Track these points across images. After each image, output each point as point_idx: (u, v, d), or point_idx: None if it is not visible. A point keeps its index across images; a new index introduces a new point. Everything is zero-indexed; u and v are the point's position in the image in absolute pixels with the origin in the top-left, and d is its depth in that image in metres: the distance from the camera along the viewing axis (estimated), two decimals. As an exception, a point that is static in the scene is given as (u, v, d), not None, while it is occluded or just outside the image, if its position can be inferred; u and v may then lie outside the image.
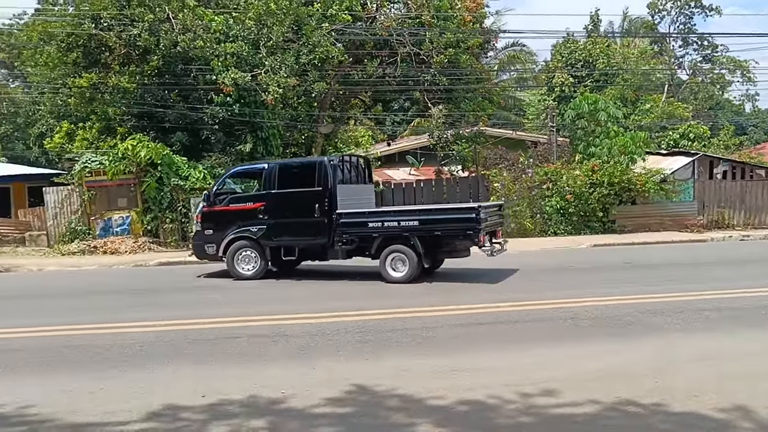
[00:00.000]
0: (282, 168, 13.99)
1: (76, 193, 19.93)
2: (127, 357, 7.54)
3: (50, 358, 7.57)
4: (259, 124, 21.35)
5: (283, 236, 13.58)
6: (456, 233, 12.64)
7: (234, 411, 5.60)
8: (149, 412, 5.58)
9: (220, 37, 20.82)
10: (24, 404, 5.84)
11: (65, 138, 25.75)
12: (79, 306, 11.36)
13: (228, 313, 9.83)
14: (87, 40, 21.28)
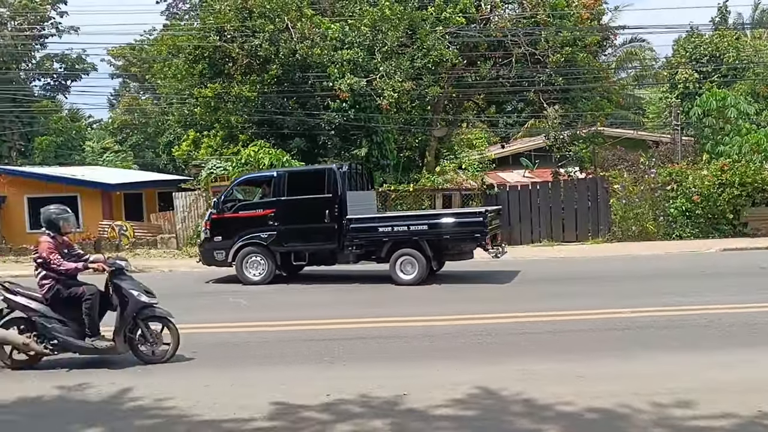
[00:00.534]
0: (292, 175, 14.54)
1: (202, 197, 20.91)
2: (252, 355, 7.84)
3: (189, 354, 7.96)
4: (373, 128, 21.65)
5: (294, 242, 13.95)
6: (464, 237, 13.20)
7: (354, 411, 5.65)
8: (273, 410, 5.73)
9: (336, 44, 21.32)
10: (162, 397, 6.14)
11: (191, 146, 27.12)
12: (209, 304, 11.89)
13: (324, 316, 10.02)
14: (212, 51, 22.37)
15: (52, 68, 48.26)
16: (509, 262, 15.58)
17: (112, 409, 5.90)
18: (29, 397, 6.28)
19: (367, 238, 13.53)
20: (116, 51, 49.14)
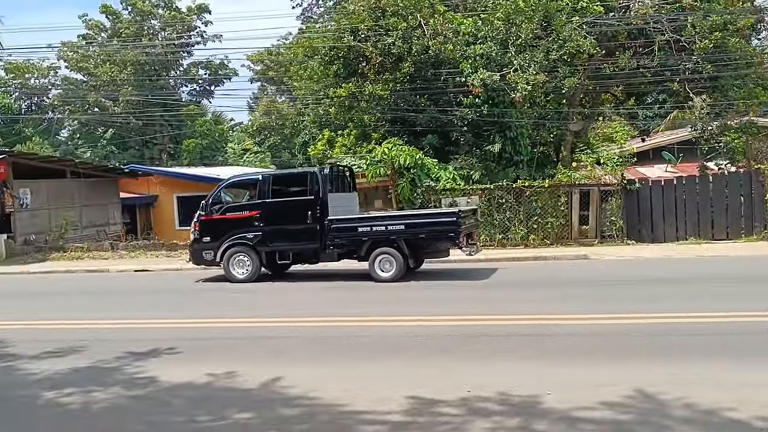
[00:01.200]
0: (276, 178, 15.29)
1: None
2: (389, 349, 7.88)
3: (319, 346, 8.11)
4: (507, 123, 21.27)
5: (278, 242, 14.46)
6: (439, 236, 13.83)
7: (493, 408, 5.49)
8: (411, 404, 5.67)
9: (469, 39, 21.13)
10: (306, 387, 6.25)
11: (326, 145, 27.89)
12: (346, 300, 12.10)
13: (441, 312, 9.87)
14: (346, 52, 22.87)
15: (198, 74, 51.20)
16: (653, 260, 14.81)
17: (260, 397, 6.08)
18: (183, 382, 6.59)
19: (348, 237, 14.07)
20: (255, 56, 51.46)
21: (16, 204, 22.74)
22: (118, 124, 46.89)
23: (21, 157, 24.29)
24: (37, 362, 7.59)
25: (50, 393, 6.35)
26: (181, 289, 14.67)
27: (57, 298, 14.14)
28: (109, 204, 27.92)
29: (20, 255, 21.65)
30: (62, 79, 49.60)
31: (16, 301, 13.82)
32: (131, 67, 45.59)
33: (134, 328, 9.70)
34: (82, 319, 10.52)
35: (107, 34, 47.74)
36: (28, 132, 47.96)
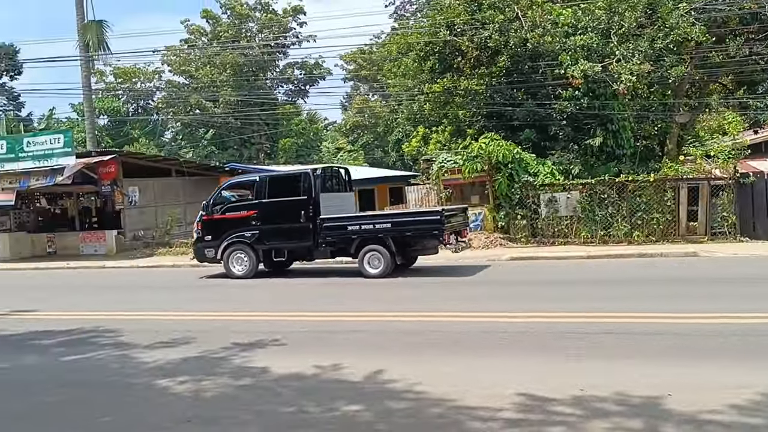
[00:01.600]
0: (272, 179, 15.73)
1: (433, 191, 21.27)
2: (495, 345, 7.67)
3: (439, 341, 7.99)
4: (608, 116, 20.54)
5: (274, 240, 15.19)
6: (424, 233, 14.34)
7: (610, 408, 5.22)
8: (521, 401, 5.48)
9: (568, 30, 20.53)
10: (411, 381, 6.17)
11: (421, 142, 27.79)
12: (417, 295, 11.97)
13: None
14: (442, 47, 22.69)
15: (293, 75, 52.23)
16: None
17: (366, 390, 6.04)
18: (290, 373, 6.64)
19: (338, 235, 14.64)
20: (348, 56, 52.02)
21: (125, 201, 23.84)
22: (218, 124, 48.47)
23: (130, 157, 25.45)
24: (149, 351, 7.84)
25: (164, 381, 6.52)
26: (281, 282, 14.91)
27: (164, 292, 14.67)
28: (211, 201, 28.80)
29: (129, 250, 22.68)
30: (166, 82, 51.74)
31: (128, 294, 14.44)
32: (230, 69, 47.00)
33: (236, 320, 9.88)
34: (190, 310, 10.85)
35: (207, 37, 49.40)
36: (135, 133, 50.33)
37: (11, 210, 24.66)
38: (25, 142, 22.78)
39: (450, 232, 14.31)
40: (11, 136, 26.02)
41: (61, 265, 20.87)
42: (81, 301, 13.17)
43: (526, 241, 19.40)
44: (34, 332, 9.45)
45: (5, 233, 23.89)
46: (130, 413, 5.72)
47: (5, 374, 7.28)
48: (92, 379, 6.82)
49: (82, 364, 7.50)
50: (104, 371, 7.11)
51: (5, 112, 54.48)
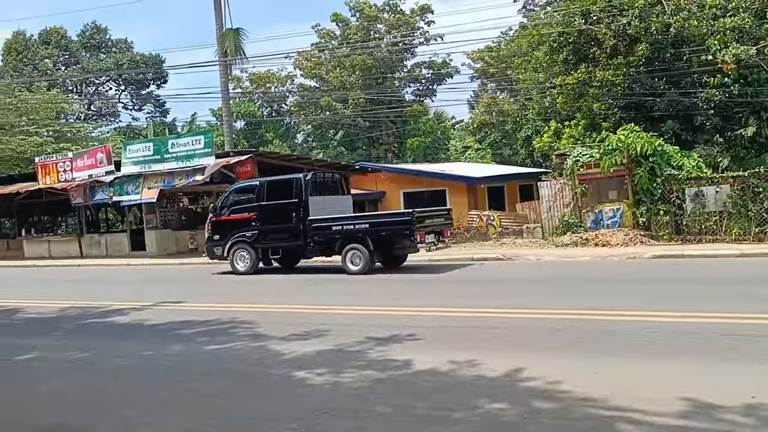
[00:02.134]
0: (269, 184, 17.10)
1: (567, 186, 20.47)
2: (645, 345, 7.08)
3: (579, 340, 7.53)
4: (762, 104, 18.95)
5: (271, 239, 16.76)
6: (396, 233, 15.48)
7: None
8: (684, 407, 4.94)
9: (717, 12, 19.13)
10: (552, 380, 5.80)
11: (553, 137, 26.93)
12: (591, 292, 11.37)
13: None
14: (576, 37, 21.82)
15: (421, 74, 52.34)
16: None
17: (506, 388, 5.73)
18: (426, 368, 6.42)
19: (325, 235, 15.97)
20: (475, 54, 51.46)
21: (261, 199, 24.63)
22: (347, 125, 49.40)
23: (265, 156, 26.28)
24: (285, 343, 7.86)
25: (301, 372, 6.48)
26: (421, 278, 14.81)
27: (296, 285, 14.91)
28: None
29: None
30: (298, 86, 53.37)
31: (265, 286, 14.77)
32: (359, 71, 47.76)
33: (370, 314, 9.79)
34: (315, 304, 10.91)
35: (337, 40, 50.48)
36: (269, 136, 52.26)
37: (158, 209, 26.13)
38: (169, 144, 24.07)
39: (425, 232, 15.46)
40: (157, 138, 27.61)
41: (203, 260, 21.84)
42: (220, 294, 13.59)
43: (669, 239, 18.25)
44: (176, 322, 9.80)
45: (152, 230, 25.35)
46: (269, 403, 5.71)
47: (152, 361, 7.53)
48: (233, 369, 6.90)
49: (222, 354, 7.64)
50: (243, 361, 7.19)
51: (152, 118, 58.33)
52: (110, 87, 62.68)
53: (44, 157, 28.26)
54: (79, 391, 6.41)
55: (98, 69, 56.16)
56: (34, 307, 12.65)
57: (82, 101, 56.81)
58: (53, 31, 58.54)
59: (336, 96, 48.18)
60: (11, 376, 7.16)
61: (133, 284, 16.84)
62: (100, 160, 25.32)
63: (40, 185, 26.91)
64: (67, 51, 58.97)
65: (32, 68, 53.87)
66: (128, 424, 5.36)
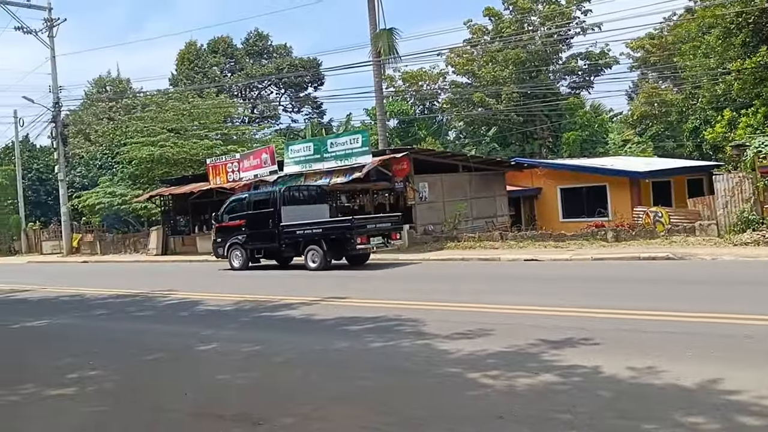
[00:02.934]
0: (254, 196, 21.73)
1: (747, 180, 18.79)
2: None
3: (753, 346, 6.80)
4: None
5: (255, 242, 20.36)
6: (340, 236, 18.19)
7: None
8: None
9: None
10: (757, 394, 5.20)
11: (726, 127, 24.94)
12: None
13: None
14: (758, 16, 19.98)
15: (577, 66, 50.50)
16: None
17: (701, 399, 5.23)
18: (605, 374, 6.04)
19: (292, 238, 19.34)
20: (635, 43, 48.88)
21: (416, 197, 24.78)
22: (500, 121, 48.63)
23: (420, 154, 26.42)
24: (451, 342, 7.71)
25: (471, 373, 6.31)
26: (567, 277, 14.26)
27: (456, 282, 14.74)
28: (496, 196, 28.92)
29: (420, 244, 23.48)
30: (450, 83, 53.26)
31: (425, 284, 14.75)
32: (512, 65, 46.86)
33: (538, 314, 9.40)
34: (484, 303, 10.64)
35: (490, 35, 49.81)
36: (422, 134, 52.57)
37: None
38: (328, 144, 24.81)
39: (367, 236, 18.33)
40: (317, 138, 28.56)
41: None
42: (382, 290, 13.71)
43: None
44: (344, 318, 9.94)
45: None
46: (439, 404, 5.59)
47: (321, 356, 7.66)
48: (401, 366, 6.85)
49: (389, 351, 7.63)
50: (411, 359, 7.12)
51: (310, 119, 60.63)
52: (271, 91, 65.91)
53: (214, 159, 30.13)
54: (255, 383, 6.63)
55: (260, 74, 59.19)
56: (212, 299, 13.41)
57: (247, 105, 60.11)
58: (221, 40, 62.45)
59: (489, 91, 47.55)
60: (193, 367, 7.55)
61: (299, 279, 17.46)
62: (265, 160, 26.59)
63: (211, 185, 28.71)
64: (233, 58, 62.65)
65: (202, 76, 57.75)
66: (305, 417, 5.44)
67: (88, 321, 11.87)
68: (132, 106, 52.83)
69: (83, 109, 56.91)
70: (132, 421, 5.67)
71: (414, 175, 24.63)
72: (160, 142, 37.87)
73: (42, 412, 6.03)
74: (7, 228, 45.78)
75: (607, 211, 27.11)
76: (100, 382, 7.02)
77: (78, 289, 17.72)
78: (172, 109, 41.59)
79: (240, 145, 40.05)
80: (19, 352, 9.21)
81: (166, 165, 37.67)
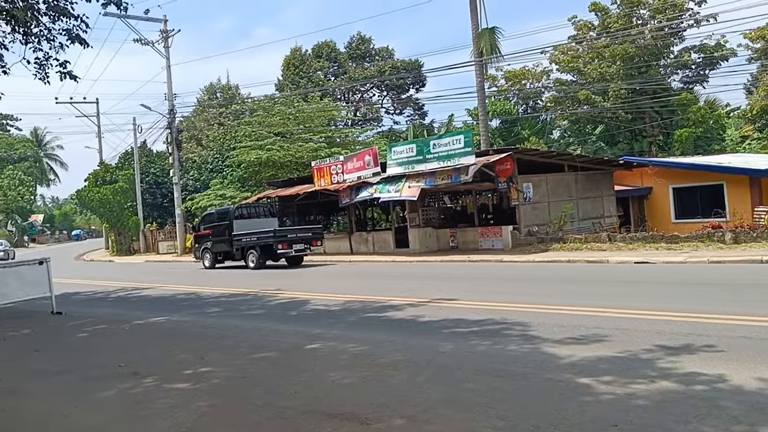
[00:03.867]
0: (218, 212, 28.82)
1: None
2: None
3: None
4: None
5: (218, 247, 26.68)
6: (267, 244, 24.00)
7: None
8: None
9: None
10: None
11: None
12: None
13: None
14: None
15: (690, 59, 48.18)
16: None
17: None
18: (733, 385, 5.71)
19: (239, 245, 25.23)
20: (755, 33, 46.03)
21: (520, 198, 24.37)
22: (607, 119, 47.06)
23: (524, 154, 25.96)
24: (561, 347, 7.52)
25: (583, 379, 6.12)
26: (682, 280, 13.61)
27: (564, 285, 14.38)
28: (604, 196, 28.04)
29: (524, 245, 23.08)
30: (554, 81, 52.04)
31: (531, 286, 14.47)
32: (620, 61, 45.24)
33: (653, 319, 8.99)
34: (595, 306, 10.29)
35: (596, 31, 48.30)
36: (525, 133, 51.68)
37: (420, 208, 27.06)
38: (431, 145, 24.77)
39: (289, 243, 23.78)
40: (419, 140, 28.58)
41: (463, 258, 22.17)
42: (486, 292, 13.54)
43: None
44: (450, 320, 9.88)
45: (415, 228, 26.30)
46: (549, 410, 5.42)
47: (428, 357, 7.61)
48: (508, 370, 6.72)
49: (496, 354, 7.51)
50: (518, 363, 6.98)
51: (412, 121, 60.86)
52: (374, 93, 66.63)
53: (319, 161, 30.75)
54: (363, 383, 6.67)
55: (363, 77, 59.93)
56: (320, 299, 13.66)
57: (349, 108, 61.01)
58: (324, 45, 63.73)
59: (595, 89, 46.11)
60: (302, 365, 7.69)
61: (400, 279, 17.53)
62: (368, 162, 26.88)
63: (315, 187, 29.32)
64: (336, 62, 63.77)
65: (307, 80, 59.12)
66: (412, 419, 5.43)
67: (202, 318, 12.35)
68: (240, 112, 54.84)
69: (195, 115, 59.52)
70: (244, 417, 5.83)
71: (518, 176, 24.23)
72: (267, 145, 39.04)
73: (160, 405, 6.30)
74: (127, 229, 48.45)
75: (724, 212, 25.73)
76: (212, 377, 7.29)
77: (192, 288, 18.53)
78: (279, 114, 42.78)
79: (343, 147, 40.70)
80: (141, 347, 9.69)
81: (273, 168, 38.78)
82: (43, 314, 13.83)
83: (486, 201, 29.89)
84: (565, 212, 24.42)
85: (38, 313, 14.11)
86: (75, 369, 8.24)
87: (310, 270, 22.93)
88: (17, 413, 6.41)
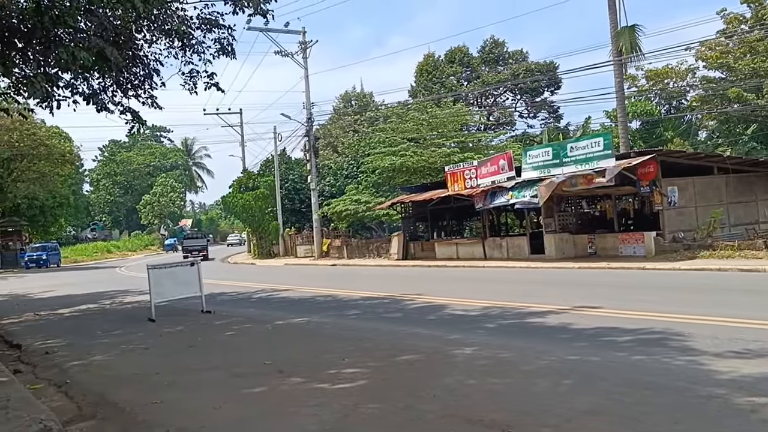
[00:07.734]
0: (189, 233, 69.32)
1: None
2: None
3: None
4: None
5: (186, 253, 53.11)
6: (198, 251, 52.91)
7: None
8: None
9: None
10: None
11: None
12: None
13: None
14: None
15: None
16: None
17: None
18: None
19: (187, 251, 53.72)
20: None
21: (664, 202, 23.18)
22: (761, 117, 43.87)
23: (668, 156, 24.66)
24: (720, 361, 7.08)
25: (740, 398, 5.74)
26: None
27: (720, 294, 13.45)
28: (759, 201, 26.17)
29: (668, 252, 21.90)
30: (700, 79, 49.20)
31: (684, 295, 13.67)
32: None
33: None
34: (753, 318, 9.55)
35: (748, 24, 45.14)
36: (668, 135, 49.17)
37: (556, 212, 26.38)
38: (568, 148, 24.09)
39: (192, 252, 51.52)
40: (556, 143, 27.89)
41: (602, 265, 21.36)
42: (632, 300, 12.94)
43: None
44: (601, 328, 9.55)
45: (551, 234, 25.63)
46: (701, 427, 5.13)
47: (572, 366, 7.43)
48: (659, 383, 6.39)
49: (647, 364, 7.19)
50: (670, 376, 6.63)
51: (547, 124, 59.56)
52: (507, 97, 65.82)
53: (452, 166, 30.73)
54: (504, 390, 6.58)
55: (496, 81, 59.36)
56: (458, 304, 13.59)
57: (482, 113, 60.60)
58: (457, 50, 63.77)
59: (747, 86, 43.10)
60: (441, 369, 7.69)
61: (538, 286, 17.16)
62: (502, 166, 26.54)
63: (449, 192, 29.31)
64: (469, 67, 63.60)
65: (440, 86, 59.35)
66: (556, 428, 5.31)
67: (341, 320, 12.65)
68: (375, 118, 55.89)
69: (331, 122, 61.34)
70: (386, 418, 5.91)
71: (662, 179, 23.05)
72: (401, 151, 39.51)
73: (304, 403, 6.53)
74: (267, 233, 50.76)
75: None
76: (354, 378, 7.44)
77: (330, 290, 19.04)
78: (412, 120, 43.18)
79: (476, 152, 40.45)
80: (284, 346, 10.08)
81: (407, 173, 39.18)
82: (194, 312, 14.73)
83: (626, 206, 28.64)
84: (714, 217, 22.94)
85: (190, 311, 15.05)
86: (224, 365, 8.70)
87: (446, 275, 22.94)
88: (174, 405, 6.85)
